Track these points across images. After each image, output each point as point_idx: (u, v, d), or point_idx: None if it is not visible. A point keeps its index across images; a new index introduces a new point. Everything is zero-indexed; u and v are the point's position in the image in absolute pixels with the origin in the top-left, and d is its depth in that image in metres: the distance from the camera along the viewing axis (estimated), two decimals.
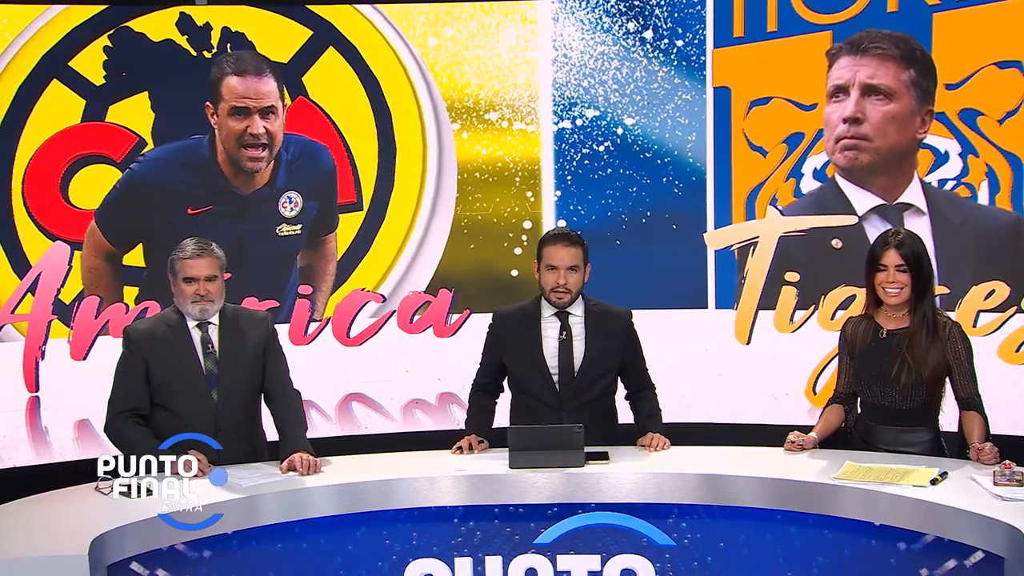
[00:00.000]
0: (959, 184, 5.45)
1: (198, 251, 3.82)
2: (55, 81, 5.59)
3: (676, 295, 5.90)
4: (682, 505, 3.51)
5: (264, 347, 3.92)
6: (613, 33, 5.86)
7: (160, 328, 3.84)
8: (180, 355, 3.81)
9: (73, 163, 5.62)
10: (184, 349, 3.82)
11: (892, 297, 3.70)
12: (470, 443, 3.86)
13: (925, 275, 3.69)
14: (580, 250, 3.95)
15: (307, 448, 3.71)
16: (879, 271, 3.72)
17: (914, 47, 5.44)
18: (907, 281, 3.68)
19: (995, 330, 5.39)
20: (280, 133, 5.75)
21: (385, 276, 5.95)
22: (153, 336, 3.82)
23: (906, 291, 3.69)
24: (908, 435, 3.70)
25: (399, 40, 5.87)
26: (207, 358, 3.84)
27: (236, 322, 3.90)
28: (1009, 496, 3.13)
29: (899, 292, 3.69)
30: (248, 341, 3.89)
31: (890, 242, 3.71)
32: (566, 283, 3.92)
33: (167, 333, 3.82)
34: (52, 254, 5.58)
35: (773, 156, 5.77)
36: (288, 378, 3.99)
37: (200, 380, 3.82)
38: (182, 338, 3.83)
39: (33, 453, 5.54)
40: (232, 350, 3.86)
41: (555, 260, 3.92)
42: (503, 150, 5.94)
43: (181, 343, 3.82)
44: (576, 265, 3.93)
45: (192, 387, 3.79)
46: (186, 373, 3.80)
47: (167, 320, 3.87)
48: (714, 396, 5.87)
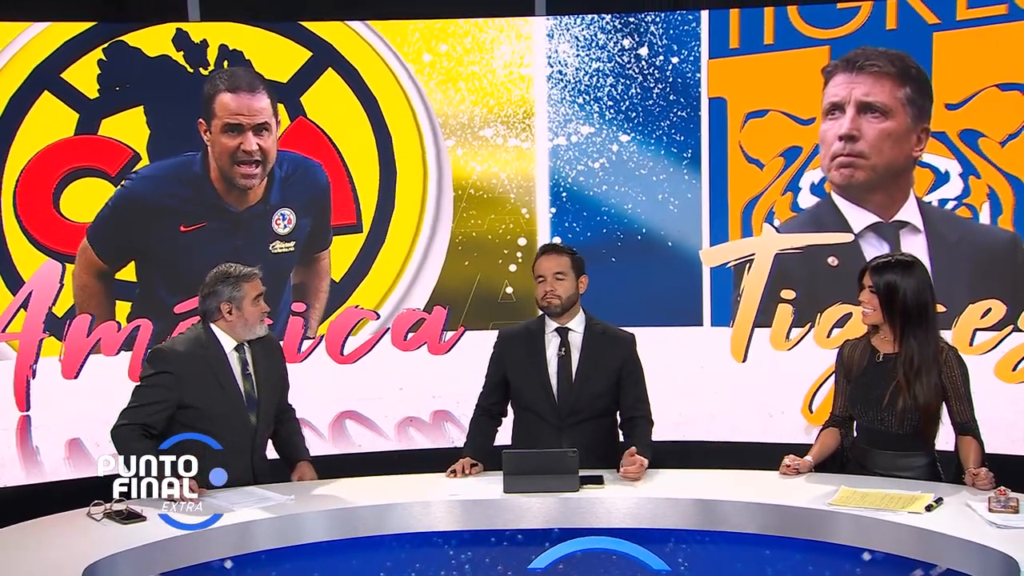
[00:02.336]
0: (960, 205, 5.45)
1: (253, 272, 3.87)
2: (46, 93, 5.55)
3: (672, 312, 5.89)
4: (677, 530, 3.49)
5: (284, 367, 4.04)
6: (608, 50, 5.85)
7: (197, 351, 3.79)
8: (220, 379, 3.79)
9: (66, 176, 5.59)
10: (223, 373, 3.80)
11: (864, 317, 3.76)
12: (463, 466, 3.86)
13: (899, 305, 3.66)
14: (567, 258, 4.03)
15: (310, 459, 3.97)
16: (860, 289, 3.74)
17: (910, 65, 5.44)
18: (877, 305, 3.68)
19: (992, 348, 5.39)
20: (273, 150, 5.73)
21: (385, 298, 5.93)
22: (192, 359, 3.77)
23: (876, 315, 3.70)
24: (904, 460, 3.68)
25: (395, 59, 5.86)
26: (245, 380, 3.84)
27: (260, 341, 3.92)
28: (1004, 523, 3.12)
29: (869, 313, 3.73)
30: (274, 362, 3.98)
31: (872, 263, 3.75)
32: (553, 289, 3.99)
33: (205, 356, 3.79)
34: (44, 271, 5.53)
35: (770, 169, 5.76)
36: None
37: (241, 404, 3.81)
38: (221, 363, 3.80)
39: (24, 472, 5.49)
40: (265, 371, 3.90)
41: (542, 270, 4.02)
42: (498, 167, 5.93)
43: (220, 367, 3.80)
44: (562, 272, 4.00)
45: (234, 412, 3.79)
46: (227, 398, 3.79)
47: (200, 343, 3.82)
48: (710, 414, 5.85)
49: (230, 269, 3.87)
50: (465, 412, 4.30)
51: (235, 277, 3.84)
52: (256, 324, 3.85)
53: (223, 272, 3.86)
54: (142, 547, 3.15)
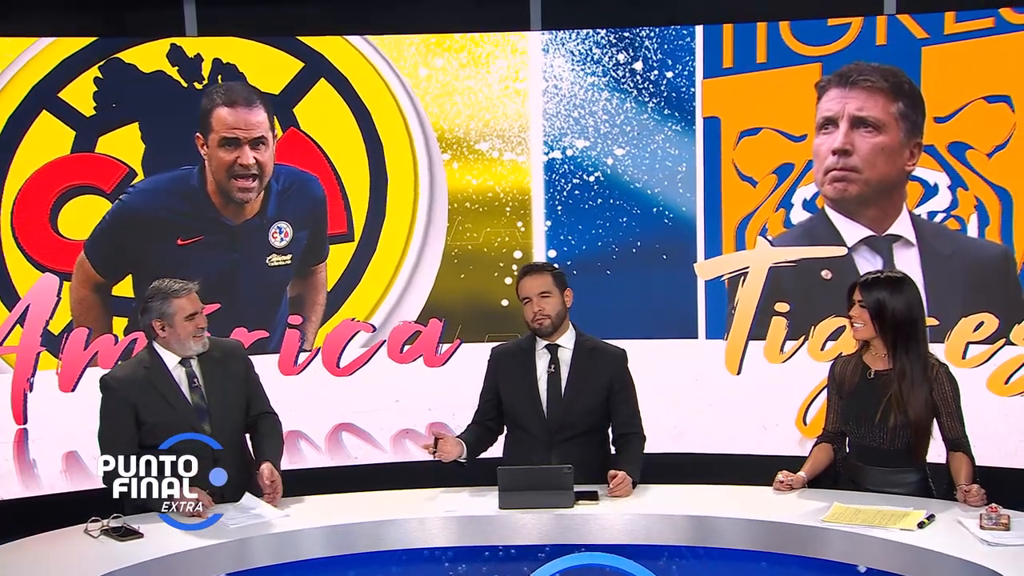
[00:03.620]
0: (948, 217, 5.47)
1: (186, 288, 3.85)
2: (45, 112, 5.57)
3: (666, 325, 5.91)
4: (671, 546, 3.52)
5: (245, 375, 3.98)
6: (603, 64, 5.87)
7: (139, 372, 3.83)
8: (166, 395, 3.81)
9: (63, 194, 5.61)
10: (169, 388, 3.82)
11: (854, 332, 3.79)
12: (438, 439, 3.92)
13: (889, 321, 3.69)
14: (549, 276, 4.05)
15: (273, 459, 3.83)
16: (851, 305, 3.77)
17: (902, 80, 5.47)
18: (867, 320, 3.71)
19: (984, 362, 5.41)
20: (270, 164, 5.75)
21: (376, 307, 5.94)
22: (134, 381, 3.81)
23: (866, 330, 3.73)
24: (896, 476, 3.71)
25: (390, 71, 5.88)
26: (193, 392, 3.85)
27: (212, 353, 3.92)
28: (995, 540, 3.15)
29: (859, 328, 3.76)
30: (230, 371, 3.94)
31: (861, 280, 3.79)
32: (541, 309, 4.01)
33: (148, 375, 3.82)
34: (41, 286, 5.55)
35: (763, 186, 5.78)
36: (268, 402, 4.07)
37: (191, 415, 3.81)
38: (164, 378, 3.82)
39: (21, 486, 5.51)
40: (216, 381, 3.89)
41: (526, 291, 4.03)
42: (493, 180, 5.95)
43: (165, 383, 3.82)
44: (547, 291, 4.01)
45: (184, 423, 3.77)
46: (176, 411, 3.80)
47: (143, 363, 3.85)
48: (704, 426, 5.87)
49: (162, 285, 3.86)
50: (461, 424, 4.29)
51: (165, 293, 3.82)
52: (188, 340, 3.82)
53: (155, 288, 3.86)
54: (139, 564, 3.18)
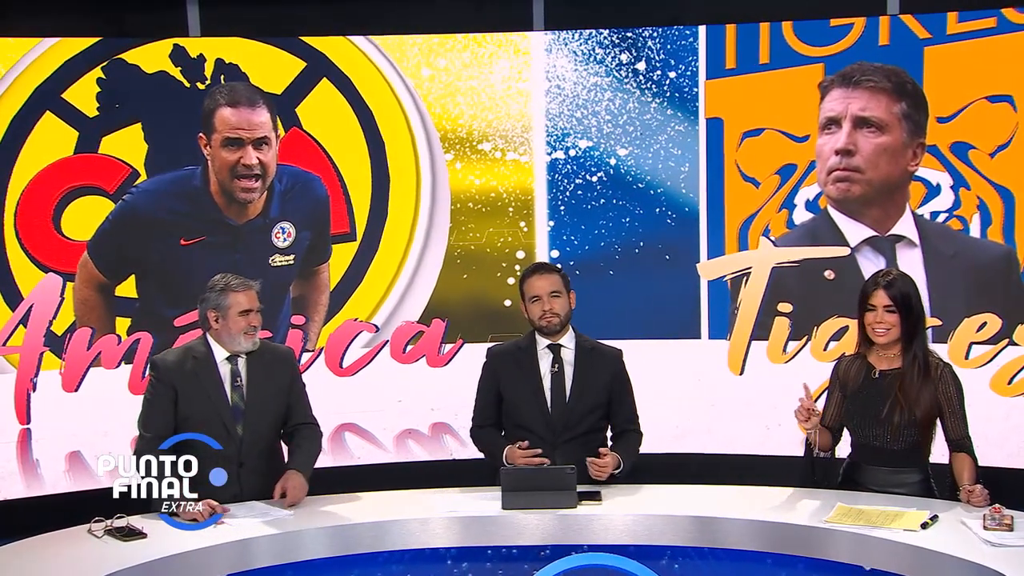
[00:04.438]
0: (951, 217, 5.47)
1: (246, 284, 3.90)
2: (48, 113, 5.57)
3: (669, 325, 5.91)
4: (674, 547, 3.51)
5: (290, 384, 3.99)
6: (606, 64, 5.87)
7: (188, 361, 3.87)
8: (208, 388, 3.84)
9: (66, 194, 5.61)
10: (212, 383, 3.85)
11: (880, 337, 3.73)
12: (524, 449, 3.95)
13: (915, 316, 3.71)
14: (557, 276, 4.08)
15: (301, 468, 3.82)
16: (869, 311, 3.74)
17: (905, 80, 5.47)
18: (895, 322, 3.70)
19: (987, 362, 5.41)
20: (273, 164, 5.75)
21: (378, 307, 5.94)
22: (182, 368, 3.85)
23: (894, 331, 3.71)
24: (898, 476, 3.71)
25: (392, 71, 5.88)
26: (234, 391, 3.87)
27: (263, 356, 3.94)
28: (998, 541, 3.14)
29: (887, 332, 3.72)
30: (275, 376, 3.95)
31: (879, 282, 3.74)
32: (551, 308, 4.03)
33: (195, 366, 3.85)
34: (44, 286, 5.55)
35: (766, 187, 5.78)
36: (311, 414, 4.06)
37: (226, 414, 3.84)
38: (210, 372, 3.86)
39: (24, 486, 5.51)
40: (259, 384, 3.90)
41: (536, 290, 4.05)
42: (496, 180, 5.95)
43: (209, 377, 3.85)
44: (557, 291, 4.04)
45: (217, 421, 3.81)
46: (212, 407, 3.83)
47: (195, 352, 3.89)
48: (707, 426, 5.87)
49: (224, 278, 3.91)
50: (463, 424, 4.30)
51: (224, 286, 3.88)
52: (239, 335, 3.85)
53: (216, 280, 3.91)
54: (143, 565, 3.18)
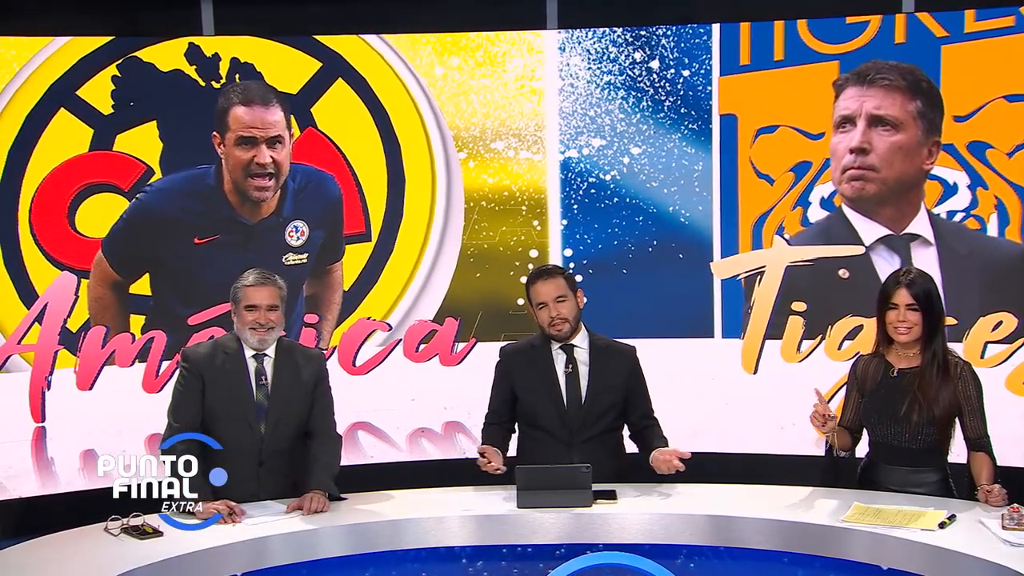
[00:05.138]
0: (968, 216, 5.45)
1: (261, 280, 3.89)
2: (63, 110, 5.59)
3: (682, 324, 5.89)
4: (690, 546, 3.50)
5: (315, 385, 3.96)
6: (619, 63, 5.86)
7: (218, 355, 3.88)
8: (233, 384, 3.85)
9: (80, 192, 5.63)
10: (238, 379, 3.86)
11: (902, 335, 3.71)
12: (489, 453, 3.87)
13: (936, 314, 3.70)
14: (562, 279, 4.04)
15: (324, 488, 3.73)
16: (890, 309, 3.73)
17: (920, 78, 5.45)
18: (918, 320, 3.69)
19: (1003, 361, 5.38)
20: (287, 162, 5.75)
21: (393, 307, 5.94)
22: (211, 362, 3.86)
23: (916, 330, 3.70)
24: (917, 475, 3.70)
25: (406, 71, 5.88)
26: (259, 389, 3.87)
27: (291, 356, 3.95)
28: (1017, 541, 3.12)
29: (909, 331, 3.70)
30: (301, 376, 3.93)
31: (901, 281, 3.73)
32: (559, 313, 4.00)
33: (224, 361, 3.86)
34: (58, 284, 5.56)
35: (780, 184, 5.76)
36: (332, 420, 4.01)
37: (250, 411, 3.85)
38: (237, 367, 3.87)
39: (39, 483, 5.52)
40: (284, 383, 3.90)
41: (541, 296, 4.01)
42: (509, 179, 5.94)
43: (236, 372, 3.86)
44: (563, 295, 4.00)
45: (241, 417, 3.83)
46: (236, 403, 3.84)
47: (225, 348, 3.90)
48: (721, 426, 5.85)
49: (246, 272, 3.94)
50: (476, 423, 4.30)
51: (241, 280, 3.91)
52: (245, 330, 3.86)
53: (242, 274, 3.95)
54: (159, 563, 3.18)
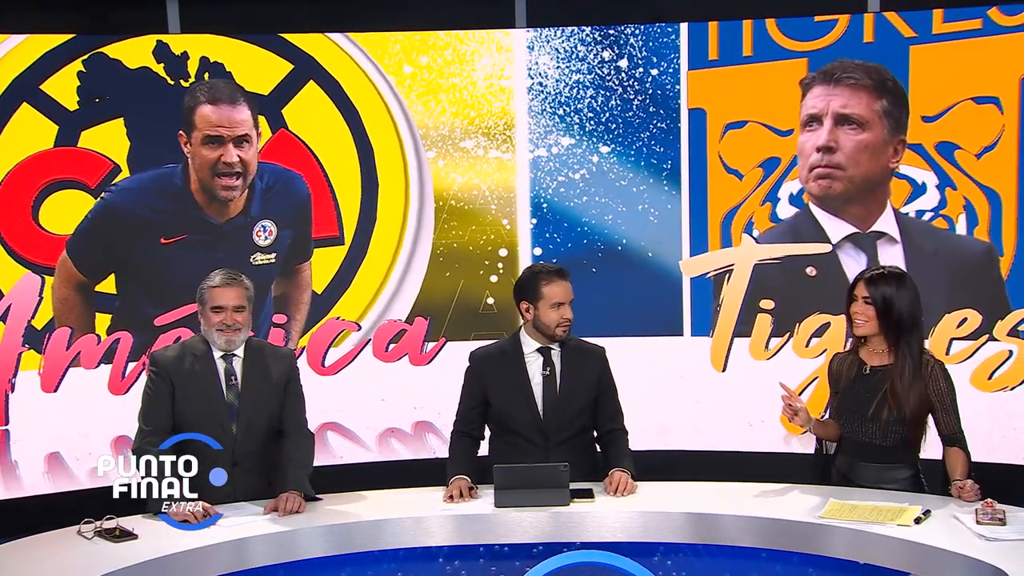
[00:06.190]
0: (937, 216, 5.51)
1: (227, 280, 3.86)
2: (25, 104, 5.49)
3: (652, 322, 5.91)
4: (667, 544, 3.52)
5: (285, 384, 3.93)
6: (588, 62, 5.87)
7: (187, 357, 3.84)
8: (204, 386, 3.81)
9: (45, 188, 5.54)
10: (208, 380, 3.82)
11: (857, 328, 3.80)
12: (461, 489, 3.75)
13: (895, 316, 3.71)
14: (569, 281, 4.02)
15: (300, 488, 3.69)
16: (852, 301, 3.79)
17: (886, 77, 5.51)
18: (872, 315, 3.74)
19: (968, 358, 5.45)
20: (254, 162, 5.71)
21: (367, 310, 5.91)
22: (180, 365, 3.82)
23: (871, 324, 3.75)
24: (888, 472, 3.74)
25: (376, 71, 5.85)
26: (229, 390, 3.85)
27: (260, 355, 3.92)
28: (992, 536, 3.16)
29: (863, 324, 3.77)
30: (271, 376, 3.90)
31: (864, 275, 3.80)
32: (570, 316, 3.97)
33: (193, 363, 3.83)
34: (22, 285, 5.47)
35: (749, 180, 5.80)
36: (303, 418, 3.98)
37: (222, 412, 3.82)
38: (207, 369, 3.83)
39: (3, 487, 5.44)
40: (254, 384, 3.87)
41: (559, 296, 3.95)
42: (479, 178, 5.93)
43: (205, 374, 3.83)
44: (572, 299, 3.98)
45: (212, 419, 3.79)
46: (207, 405, 3.81)
47: (193, 350, 3.86)
48: (690, 423, 5.88)
49: (213, 273, 3.90)
50: (446, 423, 4.27)
51: (206, 283, 3.87)
52: (211, 331, 3.83)
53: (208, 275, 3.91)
54: (134, 566, 3.14)
